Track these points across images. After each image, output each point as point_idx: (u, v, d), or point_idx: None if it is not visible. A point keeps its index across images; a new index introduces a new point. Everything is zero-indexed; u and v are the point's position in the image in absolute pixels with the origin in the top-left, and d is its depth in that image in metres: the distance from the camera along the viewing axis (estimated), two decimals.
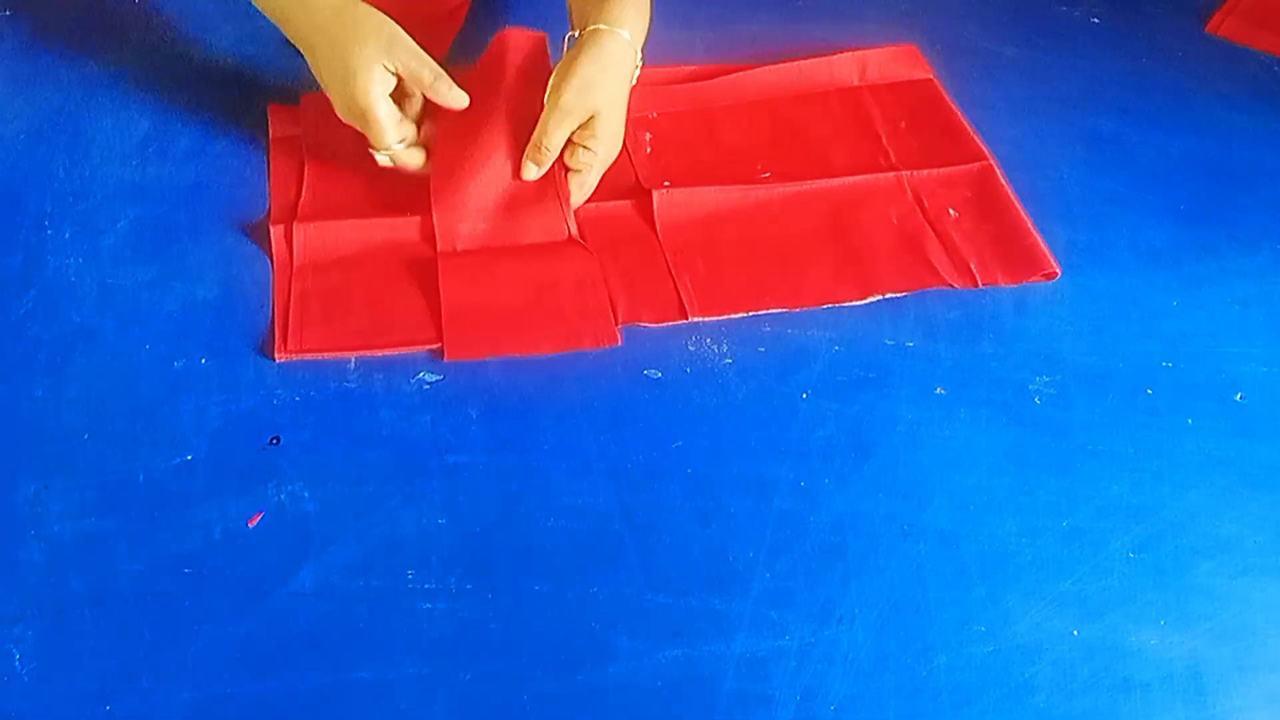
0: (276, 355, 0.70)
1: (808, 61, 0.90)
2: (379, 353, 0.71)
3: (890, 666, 0.60)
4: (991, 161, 0.84)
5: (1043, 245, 0.79)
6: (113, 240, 0.76)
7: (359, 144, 0.82)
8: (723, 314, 0.74)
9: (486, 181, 0.78)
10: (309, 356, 0.70)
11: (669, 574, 0.63)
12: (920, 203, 0.82)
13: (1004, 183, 0.83)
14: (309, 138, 0.82)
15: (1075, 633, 0.62)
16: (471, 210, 0.77)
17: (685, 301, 0.74)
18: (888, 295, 0.76)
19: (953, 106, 0.89)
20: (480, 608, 0.61)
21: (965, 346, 0.74)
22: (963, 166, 0.84)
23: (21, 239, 0.76)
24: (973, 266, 0.78)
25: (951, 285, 0.77)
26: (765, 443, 0.68)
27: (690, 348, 0.72)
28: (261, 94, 0.86)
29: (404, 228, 0.77)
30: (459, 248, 0.76)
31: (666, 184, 0.81)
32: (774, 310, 0.74)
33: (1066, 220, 0.81)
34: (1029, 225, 0.80)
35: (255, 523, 0.63)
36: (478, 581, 0.62)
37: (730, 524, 0.65)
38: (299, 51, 0.88)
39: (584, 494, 0.66)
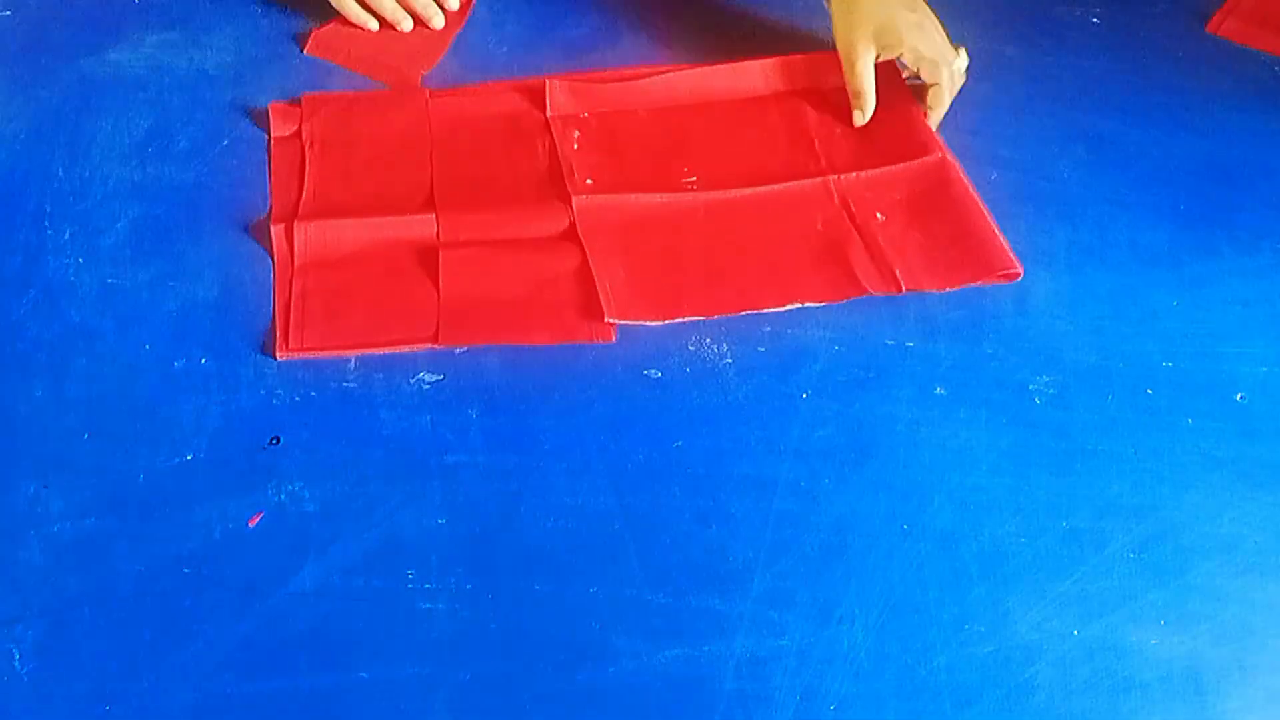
0: (277, 354, 0.70)
1: (741, 64, 0.88)
2: (380, 350, 0.71)
3: (890, 666, 0.60)
4: (944, 155, 0.82)
5: (1001, 244, 0.77)
6: (112, 240, 0.76)
7: (361, 141, 0.82)
8: (640, 320, 0.73)
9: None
10: (310, 355, 0.70)
11: (669, 574, 0.63)
12: (848, 207, 0.80)
13: (959, 178, 0.80)
14: (310, 136, 0.82)
15: (1075, 633, 0.62)
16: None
17: (604, 303, 0.73)
18: (807, 304, 0.74)
19: (908, 100, 0.86)
20: (480, 608, 0.61)
21: (965, 346, 0.74)
22: (902, 165, 0.82)
23: (21, 239, 0.76)
24: (897, 273, 0.75)
25: (873, 293, 0.75)
26: (765, 443, 0.68)
27: (690, 348, 0.72)
28: (261, 94, 0.86)
29: (406, 225, 0.77)
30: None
31: (589, 181, 0.80)
32: (690, 319, 0.73)
33: (1066, 220, 0.81)
34: (986, 223, 0.78)
35: (255, 523, 0.63)
36: (478, 581, 0.62)
37: (730, 524, 0.65)
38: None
39: (584, 494, 0.66)
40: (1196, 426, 0.70)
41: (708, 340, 0.73)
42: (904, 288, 0.75)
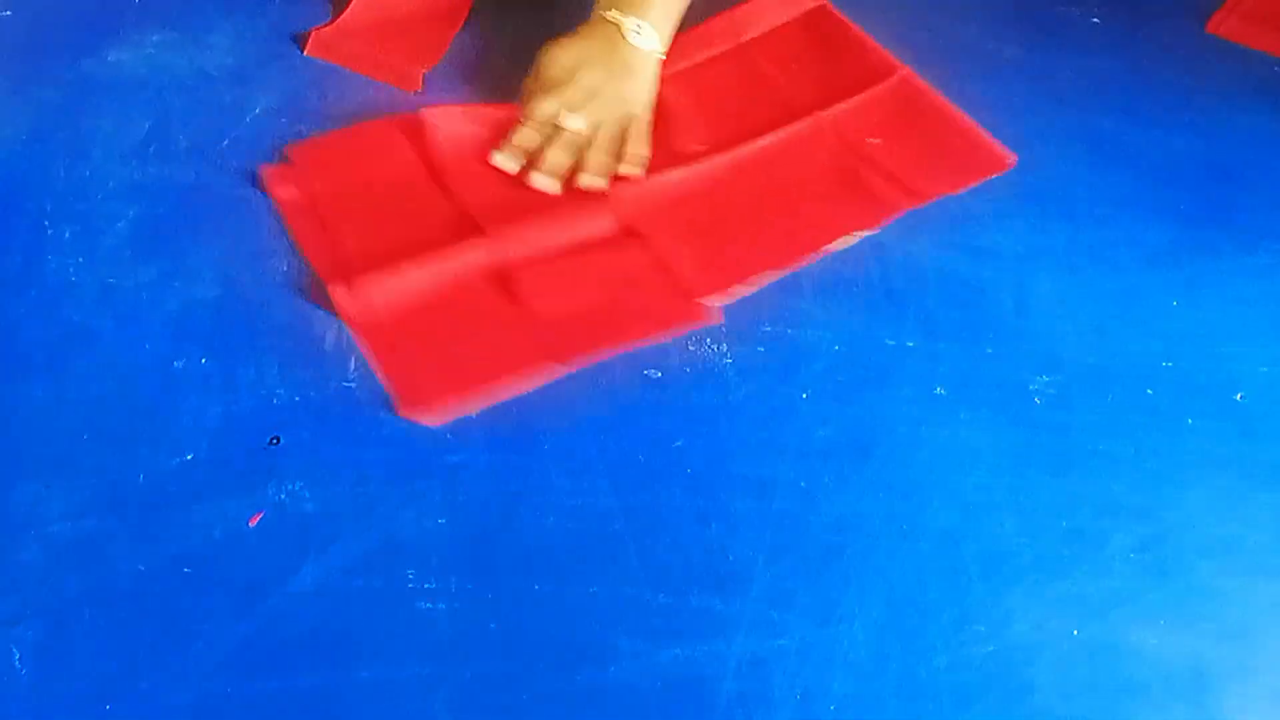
0: (410, 417, 0.68)
1: (693, 30, 0.90)
2: (505, 386, 0.69)
3: (890, 666, 0.60)
4: (907, 71, 0.87)
5: (988, 139, 0.82)
6: (113, 240, 0.76)
7: (366, 185, 0.80)
8: (729, 290, 0.74)
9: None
10: (441, 409, 0.68)
11: (669, 574, 0.63)
12: (843, 139, 0.84)
13: (928, 89, 0.86)
14: (315, 192, 0.79)
15: (1075, 633, 0.62)
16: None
17: (692, 287, 0.74)
18: (857, 234, 0.78)
19: (849, 28, 0.91)
20: (480, 608, 0.61)
21: (965, 346, 0.74)
22: (874, 88, 0.86)
23: (21, 239, 0.76)
24: (914, 184, 0.80)
25: (905, 208, 0.79)
26: (765, 443, 0.68)
27: (690, 348, 0.72)
28: (262, 94, 0.86)
29: (464, 257, 0.75)
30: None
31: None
32: (772, 274, 0.76)
33: (1067, 220, 0.81)
34: (969, 125, 0.83)
35: (255, 522, 0.63)
36: (478, 581, 0.62)
37: (730, 524, 0.65)
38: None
39: (584, 494, 0.66)
40: (1197, 426, 0.70)
41: (708, 340, 0.73)
42: (928, 195, 0.79)
